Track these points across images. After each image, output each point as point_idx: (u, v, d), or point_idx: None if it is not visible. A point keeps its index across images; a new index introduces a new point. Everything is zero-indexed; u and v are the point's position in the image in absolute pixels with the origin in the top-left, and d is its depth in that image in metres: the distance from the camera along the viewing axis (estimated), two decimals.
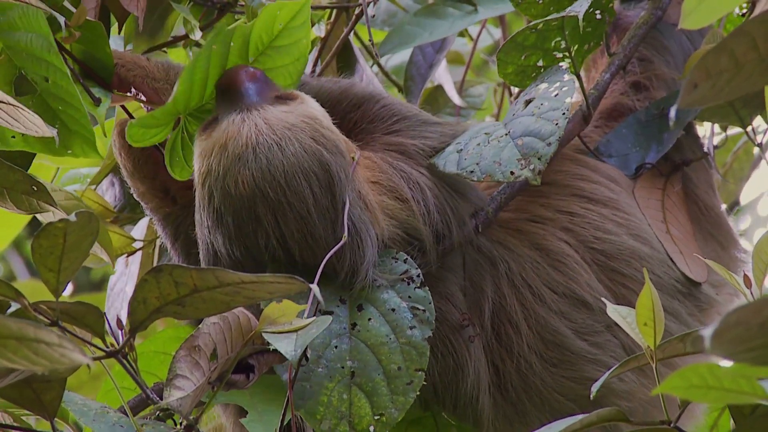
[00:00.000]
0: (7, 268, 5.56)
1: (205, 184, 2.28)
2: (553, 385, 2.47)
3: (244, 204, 2.25)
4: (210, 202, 2.27)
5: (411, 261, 2.33)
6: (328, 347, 2.24)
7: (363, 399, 2.21)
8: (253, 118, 2.28)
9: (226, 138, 2.27)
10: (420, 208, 2.39)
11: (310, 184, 2.26)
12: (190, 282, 1.89)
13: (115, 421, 1.98)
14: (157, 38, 2.80)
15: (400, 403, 2.21)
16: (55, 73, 2.26)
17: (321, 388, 2.20)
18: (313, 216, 2.26)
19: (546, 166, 2.33)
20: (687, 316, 2.57)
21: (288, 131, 2.27)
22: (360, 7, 2.98)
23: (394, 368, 2.23)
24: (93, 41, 2.46)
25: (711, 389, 1.62)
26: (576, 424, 1.89)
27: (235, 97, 2.32)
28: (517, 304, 2.46)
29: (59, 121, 2.30)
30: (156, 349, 2.53)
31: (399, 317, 2.27)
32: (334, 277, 2.30)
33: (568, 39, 2.54)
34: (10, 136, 2.31)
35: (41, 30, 2.24)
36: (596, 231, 2.54)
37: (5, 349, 1.55)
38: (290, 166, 2.25)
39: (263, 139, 2.25)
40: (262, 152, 2.25)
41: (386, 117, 2.54)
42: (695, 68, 1.65)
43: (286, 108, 2.32)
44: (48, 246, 1.85)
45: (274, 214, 2.25)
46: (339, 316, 2.28)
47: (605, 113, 2.81)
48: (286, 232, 2.26)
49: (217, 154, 2.27)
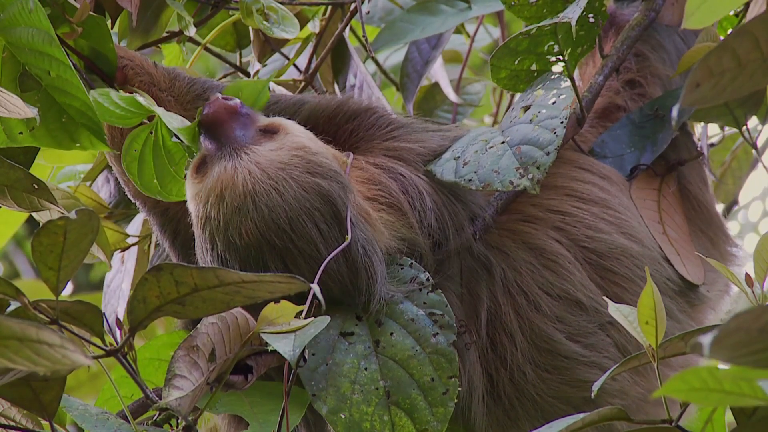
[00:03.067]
0: (11, 266, 5.54)
1: (206, 230, 2.27)
2: (546, 391, 2.47)
3: (250, 253, 2.23)
4: (213, 248, 2.26)
5: (417, 265, 2.33)
6: (358, 371, 2.23)
7: (404, 417, 2.21)
8: (244, 164, 2.25)
9: (221, 187, 2.25)
10: (418, 217, 2.39)
11: (315, 223, 2.24)
12: (190, 281, 1.88)
13: (116, 426, 1.97)
14: (152, 34, 2.79)
15: (441, 414, 2.21)
16: (58, 67, 2.25)
17: (361, 415, 2.19)
18: (323, 253, 2.24)
19: (545, 175, 2.32)
20: (679, 313, 2.58)
21: (282, 172, 2.25)
22: (355, 3, 2.97)
23: (427, 380, 2.23)
24: (96, 37, 2.46)
25: (711, 392, 1.62)
26: (578, 423, 1.89)
27: (220, 137, 2.30)
28: (512, 312, 2.46)
29: (66, 115, 2.29)
30: (151, 356, 2.52)
31: (420, 326, 2.27)
32: (351, 303, 2.28)
33: (561, 43, 2.53)
34: (17, 132, 2.30)
35: (42, 24, 2.23)
36: (587, 230, 2.54)
37: (7, 349, 1.54)
38: (292, 211, 2.23)
39: (260, 187, 2.23)
40: (262, 200, 2.22)
41: (383, 125, 2.54)
42: (698, 67, 1.65)
43: (274, 145, 2.30)
44: (48, 244, 1.84)
45: (283, 260, 2.24)
46: (360, 335, 2.27)
47: (599, 113, 2.82)
48: (298, 273, 2.23)
49: (214, 203, 2.25)
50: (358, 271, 2.26)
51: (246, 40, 3.10)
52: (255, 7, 2.67)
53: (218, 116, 2.32)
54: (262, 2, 2.67)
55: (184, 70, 2.66)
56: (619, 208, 2.59)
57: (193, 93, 2.57)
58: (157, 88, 2.57)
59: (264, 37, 3.01)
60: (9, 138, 2.30)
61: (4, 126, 2.31)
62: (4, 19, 2.25)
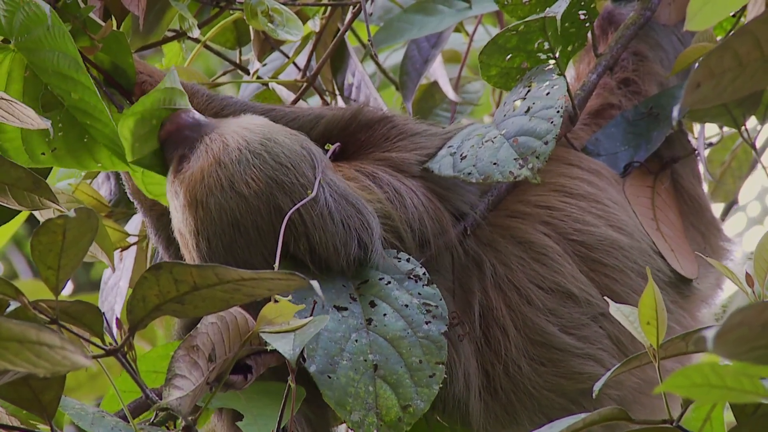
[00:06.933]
0: (9, 267, 5.53)
1: (207, 204, 2.31)
2: (542, 384, 2.48)
3: (261, 201, 2.30)
4: (210, 229, 2.32)
5: (414, 260, 2.34)
6: (348, 340, 2.25)
7: (388, 391, 2.22)
8: (225, 131, 2.35)
9: (215, 154, 2.32)
10: (397, 207, 2.41)
11: (308, 163, 2.32)
12: (189, 279, 1.88)
13: (113, 425, 1.97)
14: (154, 35, 2.79)
15: (425, 395, 2.22)
16: (83, 91, 2.28)
17: (348, 380, 2.21)
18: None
19: (545, 164, 2.33)
20: (671, 303, 2.59)
21: (263, 128, 2.36)
22: (356, 3, 2.97)
23: (415, 361, 2.24)
24: (116, 50, 2.48)
25: (713, 388, 1.62)
26: (578, 423, 1.89)
27: (187, 136, 2.37)
28: (504, 307, 2.47)
29: (87, 135, 2.33)
30: (147, 368, 2.52)
31: (413, 312, 2.29)
32: (346, 259, 2.32)
33: (551, 40, 2.53)
34: (39, 152, 2.34)
35: (68, 50, 2.25)
36: (575, 223, 2.55)
37: (7, 351, 1.54)
38: (288, 150, 2.33)
39: (251, 137, 2.33)
40: (257, 149, 2.32)
41: (393, 136, 2.56)
42: (698, 68, 1.65)
43: (236, 120, 2.40)
44: (47, 243, 1.83)
45: (291, 199, 2.30)
46: (353, 312, 2.29)
47: (593, 112, 2.82)
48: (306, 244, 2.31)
49: (213, 171, 2.31)
50: (349, 217, 2.32)
51: (246, 37, 3.10)
52: (260, 8, 2.67)
53: (174, 126, 2.38)
54: (266, 4, 2.67)
55: (203, 86, 2.67)
56: (607, 202, 2.60)
57: (211, 110, 2.58)
58: None
59: (264, 36, 3.00)
60: (31, 158, 2.36)
61: (26, 146, 2.35)
62: (27, 40, 2.27)
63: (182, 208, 2.32)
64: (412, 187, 2.45)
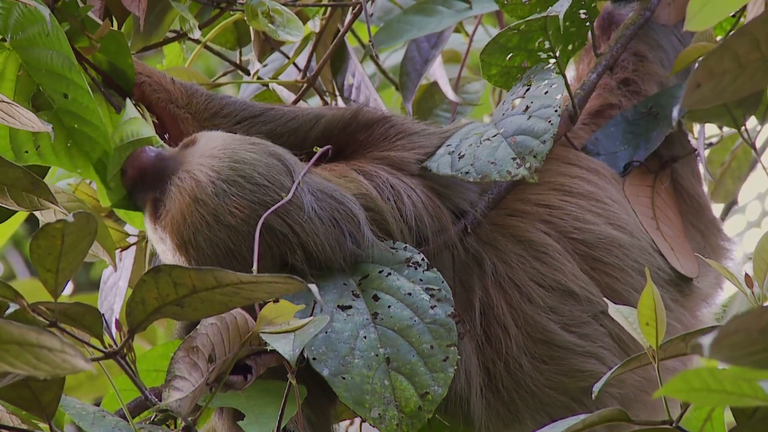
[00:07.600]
0: (7, 266, 5.53)
1: (197, 239, 2.32)
2: (543, 382, 2.48)
3: (249, 224, 2.30)
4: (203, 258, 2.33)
5: (411, 248, 2.35)
6: (357, 338, 2.26)
7: (404, 382, 2.23)
8: (192, 167, 2.34)
9: (190, 194, 2.32)
10: (392, 211, 2.41)
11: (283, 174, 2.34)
12: (188, 282, 1.88)
13: (113, 424, 1.97)
14: (154, 36, 2.79)
15: (441, 380, 2.23)
16: (75, 91, 2.27)
17: (362, 378, 2.22)
18: (302, 196, 2.31)
19: (542, 163, 2.33)
20: (671, 302, 2.59)
21: (228, 151, 2.36)
22: (356, 5, 2.97)
23: (426, 347, 2.25)
24: (115, 51, 2.47)
25: (712, 392, 1.62)
26: (578, 424, 1.89)
27: (153, 177, 2.36)
28: (505, 305, 2.47)
29: (71, 141, 2.35)
30: (147, 367, 2.52)
31: (417, 299, 2.30)
32: (343, 256, 2.33)
33: (551, 39, 2.53)
34: (23, 150, 2.33)
35: (62, 48, 2.24)
36: (575, 221, 2.55)
37: (7, 354, 1.54)
38: (262, 167, 2.34)
39: (220, 167, 2.33)
40: (230, 176, 2.33)
41: (392, 136, 2.56)
42: (698, 68, 1.65)
43: (198, 147, 2.39)
44: (46, 247, 1.84)
45: (279, 216, 2.30)
46: (358, 309, 2.30)
47: (593, 111, 2.82)
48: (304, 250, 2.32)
49: (193, 210, 2.31)
50: (334, 210, 2.33)
51: (246, 38, 3.10)
52: (260, 9, 2.67)
53: (135, 171, 2.37)
54: (267, 5, 2.67)
55: (202, 87, 2.66)
56: (607, 201, 2.60)
57: (210, 110, 2.58)
58: (174, 104, 2.58)
59: (264, 36, 3.00)
60: (16, 156, 2.35)
61: (13, 144, 2.34)
62: (22, 39, 2.26)
63: (172, 251, 2.34)
64: (410, 185, 2.45)
